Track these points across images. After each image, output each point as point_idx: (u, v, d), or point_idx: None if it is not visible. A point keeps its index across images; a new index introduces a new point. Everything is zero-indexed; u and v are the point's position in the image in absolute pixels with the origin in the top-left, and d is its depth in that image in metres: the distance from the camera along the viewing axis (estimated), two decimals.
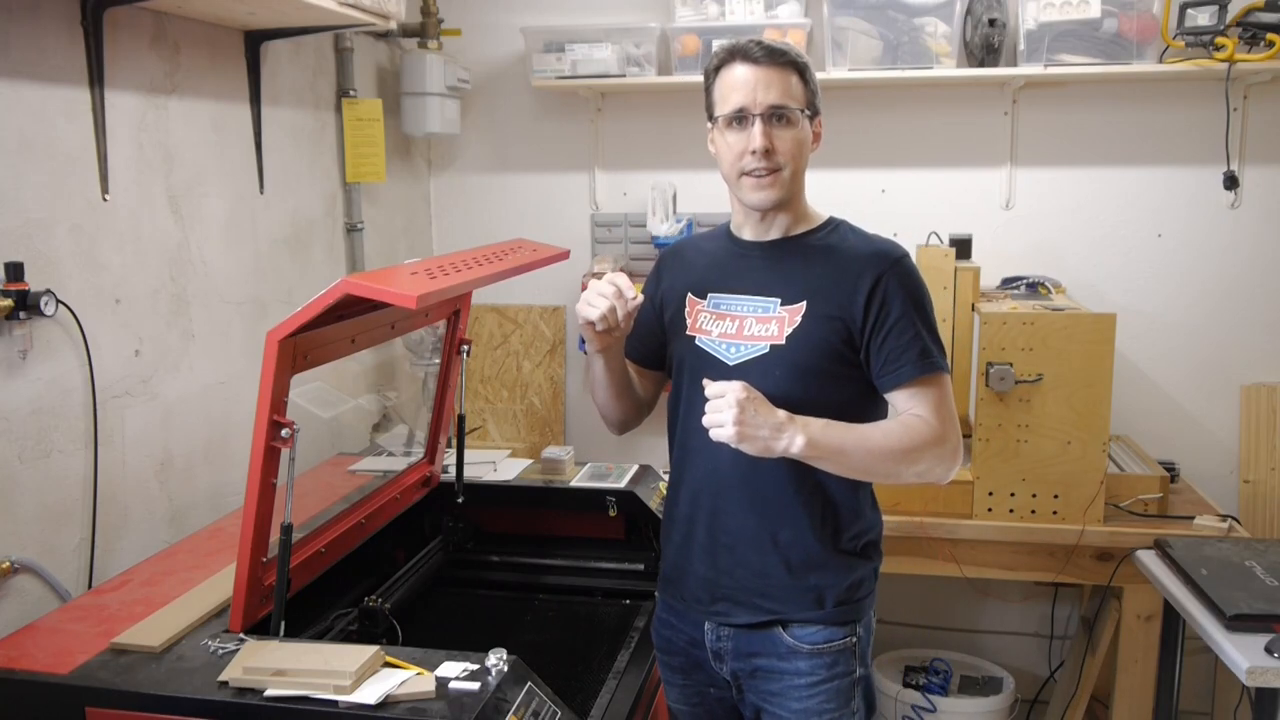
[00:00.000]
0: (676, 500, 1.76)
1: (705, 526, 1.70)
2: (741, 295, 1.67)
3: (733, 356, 1.65)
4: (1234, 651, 1.95)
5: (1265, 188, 3.00)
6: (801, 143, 1.63)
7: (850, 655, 1.66)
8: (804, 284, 1.63)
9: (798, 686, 1.65)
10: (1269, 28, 2.76)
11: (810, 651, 1.64)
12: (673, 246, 1.88)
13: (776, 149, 1.60)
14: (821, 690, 1.64)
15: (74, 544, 1.94)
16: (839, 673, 1.65)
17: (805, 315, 1.61)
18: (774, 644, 1.66)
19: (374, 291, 1.49)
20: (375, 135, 2.90)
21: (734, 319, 1.66)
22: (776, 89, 1.59)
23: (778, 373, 1.60)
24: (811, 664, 1.64)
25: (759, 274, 1.67)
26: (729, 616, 1.68)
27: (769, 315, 1.63)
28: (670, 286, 1.78)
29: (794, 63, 1.62)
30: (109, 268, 2.02)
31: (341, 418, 2.83)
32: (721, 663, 1.71)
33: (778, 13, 3.02)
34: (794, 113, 1.60)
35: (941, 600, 3.30)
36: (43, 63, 1.86)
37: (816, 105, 1.66)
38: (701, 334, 1.69)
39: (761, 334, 1.63)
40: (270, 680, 1.43)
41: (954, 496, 2.62)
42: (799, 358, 1.60)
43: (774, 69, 1.59)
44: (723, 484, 1.66)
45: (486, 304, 3.44)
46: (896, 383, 1.60)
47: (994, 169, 3.15)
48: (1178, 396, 3.13)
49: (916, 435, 1.57)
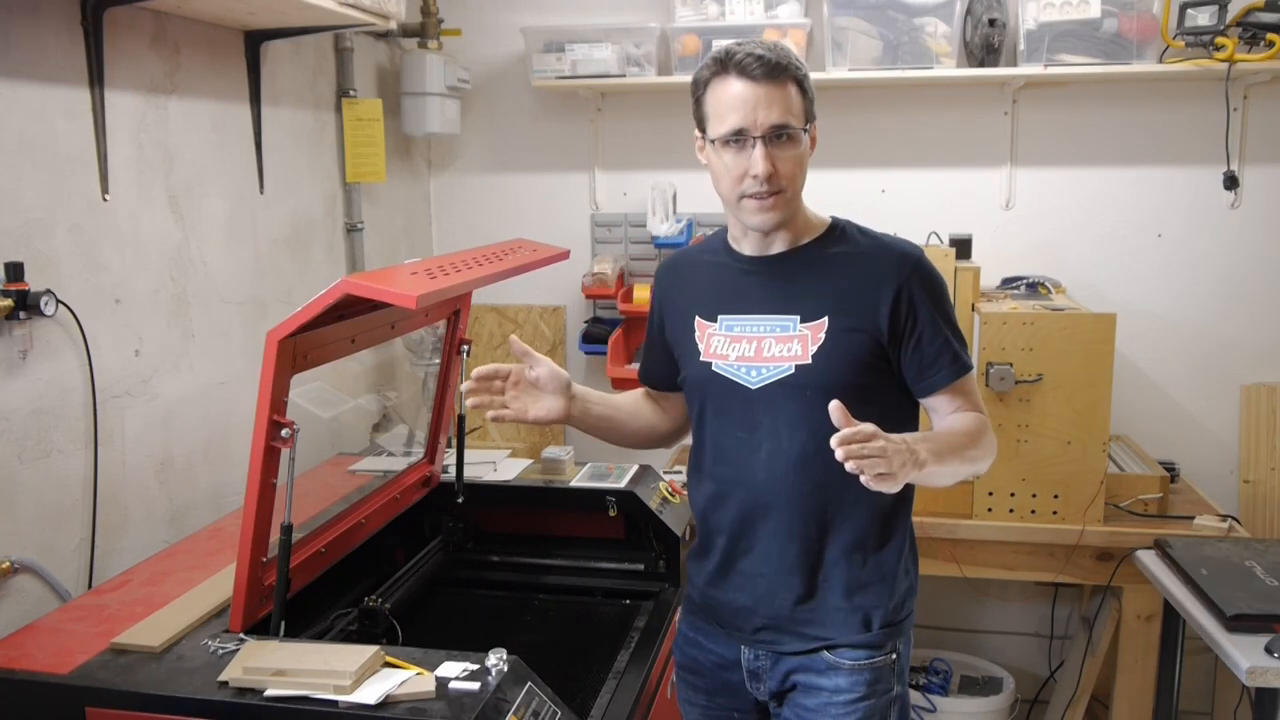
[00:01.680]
0: (708, 532, 1.69)
1: (745, 558, 1.64)
2: (755, 315, 1.60)
3: (754, 380, 1.58)
4: (1234, 651, 1.95)
5: (1265, 188, 3.00)
6: (803, 159, 1.55)
7: (890, 673, 1.62)
8: (822, 298, 1.56)
9: (835, 704, 1.60)
10: (1269, 28, 2.76)
11: (851, 668, 1.60)
12: (667, 262, 1.79)
13: (779, 171, 1.51)
14: (858, 708, 1.60)
15: (74, 544, 1.94)
16: (879, 690, 1.61)
17: (829, 331, 1.55)
18: (815, 661, 1.62)
19: (374, 291, 1.49)
20: (375, 135, 2.90)
21: (750, 340, 1.59)
22: (778, 108, 1.49)
23: (809, 394, 1.53)
24: (851, 680, 1.60)
25: (771, 290, 1.60)
26: (776, 645, 1.63)
27: (789, 334, 1.56)
28: (672, 305, 1.72)
29: (794, 75, 1.52)
30: (109, 268, 2.02)
31: (341, 418, 2.83)
32: (759, 682, 1.67)
33: (778, 13, 3.02)
34: (796, 131, 1.52)
35: (941, 600, 3.30)
36: (43, 63, 1.86)
37: (813, 111, 1.57)
38: (718, 359, 1.61)
39: (784, 354, 1.56)
40: (270, 680, 1.43)
41: (954, 496, 2.62)
42: (830, 376, 1.53)
43: (773, 86, 1.49)
44: (761, 514, 1.61)
45: (486, 304, 3.44)
46: (933, 388, 1.59)
47: (994, 169, 3.15)
48: (1178, 396, 3.13)
49: (976, 431, 1.57)
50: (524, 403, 1.66)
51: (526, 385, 1.67)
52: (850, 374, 1.55)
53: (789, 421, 1.57)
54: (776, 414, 1.57)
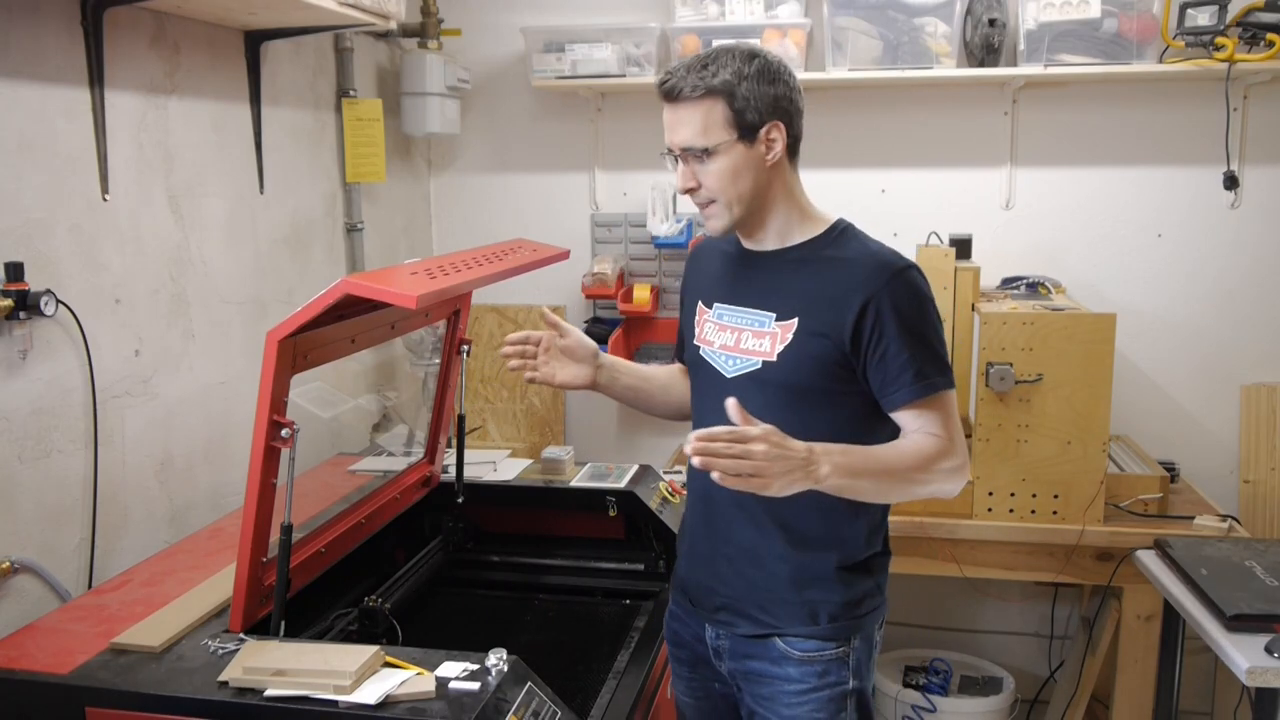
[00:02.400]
0: (688, 508, 1.78)
1: (706, 537, 1.71)
2: (740, 307, 1.66)
3: (730, 370, 1.64)
4: (1234, 651, 1.95)
5: (1265, 188, 3.00)
6: (732, 170, 1.55)
7: (842, 665, 1.64)
8: (798, 299, 1.59)
9: (787, 693, 1.64)
10: (1269, 28, 2.75)
11: (800, 659, 1.63)
12: (695, 247, 1.87)
13: (701, 184, 1.57)
14: (810, 699, 1.63)
15: (74, 544, 1.94)
16: (829, 682, 1.63)
17: (797, 332, 1.58)
18: (768, 649, 1.66)
19: (374, 291, 1.49)
20: (375, 135, 2.90)
21: (733, 331, 1.65)
22: (686, 129, 1.54)
23: (768, 390, 1.59)
24: (801, 671, 1.63)
25: (757, 285, 1.65)
26: (731, 626, 1.69)
27: (764, 330, 1.61)
28: (690, 289, 1.80)
29: (712, 90, 1.52)
30: (109, 268, 2.02)
31: (341, 418, 2.83)
32: (721, 661, 1.73)
33: (778, 13, 3.02)
34: (711, 148, 1.53)
35: (941, 600, 3.30)
36: (43, 63, 1.86)
37: (759, 117, 1.54)
38: (705, 344, 1.69)
39: (756, 349, 1.61)
40: (270, 680, 1.43)
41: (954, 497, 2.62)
42: (789, 376, 1.58)
43: (684, 106, 1.53)
44: (724, 497, 1.62)
45: (486, 304, 3.44)
46: (894, 405, 1.57)
47: (994, 169, 3.15)
48: (1178, 396, 3.13)
49: (926, 454, 1.54)
50: (552, 368, 1.82)
51: (556, 351, 1.82)
52: (812, 377, 1.58)
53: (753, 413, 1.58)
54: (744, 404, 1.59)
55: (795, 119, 1.59)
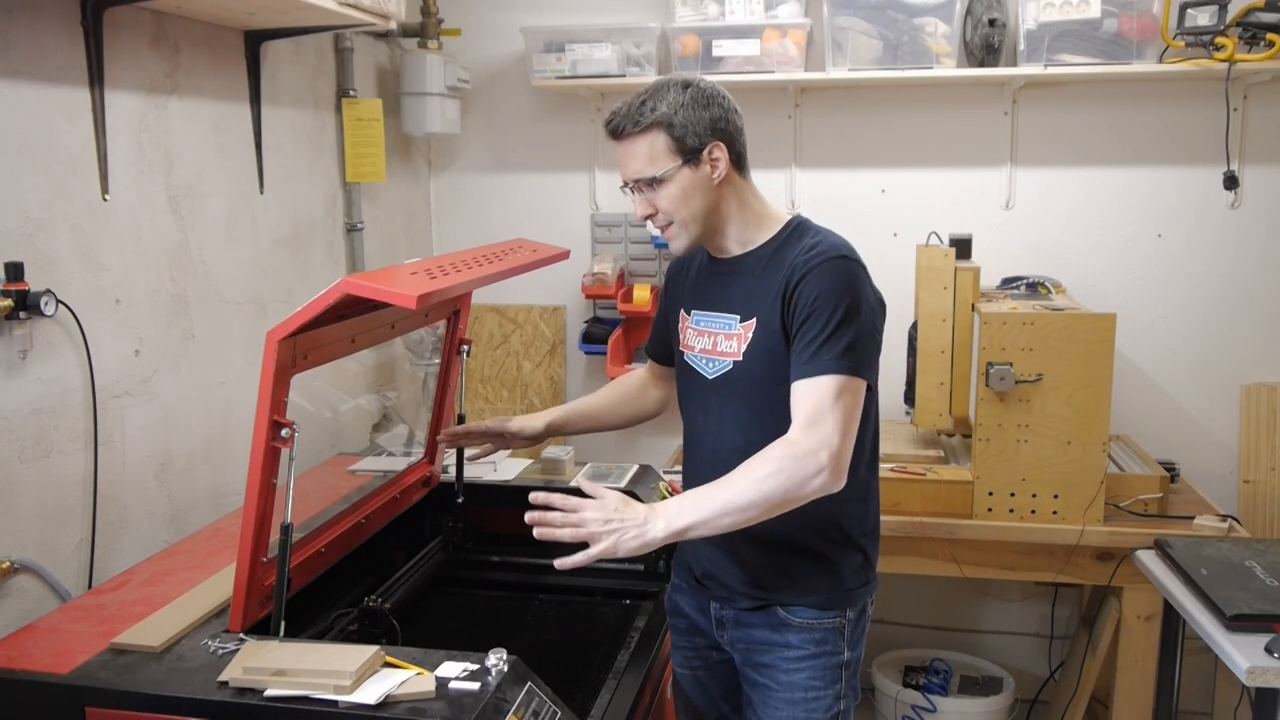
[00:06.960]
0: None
1: None
2: (714, 312, 1.75)
3: (710, 372, 1.74)
4: (1234, 651, 1.95)
5: (1265, 188, 3.00)
6: (682, 193, 1.64)
7: (838, 636, 1.73)
8: (755, 299, 1.68)
9: (787, 659, 1.73)
10: (1269, 28, 2.76)
11: (799, 626, 1.72)
12: (676, 257, 1.91)
13: (657, 209, 1.67)
14: (807, 666, 1.72)
15: (74, 544, 1.95)
16: (826, 650, 1.72)
17: (755, 330, 1.67)
18: (768, 617, 1.75)
19: (374, 291, 1.49)
20: (375, 135, 2.90)
21: (709, 335, 1.75)
22: (635, 161, 1.65)
23: (740, 389, 1.69)
24: (801, 638, 1.72)
25: (724, 291, 1.74)
26: (730, 601, 1.78)
27: (732, 332, 1.71)
28: (672, 296, 1.88)
29: (652, 123, 1.62)
30: (109, 268, 2.02)
31: (341, 418, 2.83)
32: (724, 631, 1.81)
33: (778, 13, 3.02)
34: (659, 176, 1.63)
35: (941, 600, 3.30)
36: (43, 63, 1.86)
37: (699, 140, 1.62)
38: (688, 350, 1.80)
39: (728, 350, 1.71)
40: (270, 680, 1.43)
41: (954, 496, 2.63)
42: (754, 373, 1.67)
43: (631, 141, 1.64)
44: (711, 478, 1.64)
45: (486, 304, 3.44)
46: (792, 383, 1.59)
47: (994, 169, 3.15)
48: (1178, 396, 3.13)
49: (757, 460, 1.53)
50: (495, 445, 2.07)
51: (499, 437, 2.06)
52: (772, 370, 1.65)
53: (732, 412, 1.72)
54: (723, 404, 1.74)
55: (735, 137, 1.68)
